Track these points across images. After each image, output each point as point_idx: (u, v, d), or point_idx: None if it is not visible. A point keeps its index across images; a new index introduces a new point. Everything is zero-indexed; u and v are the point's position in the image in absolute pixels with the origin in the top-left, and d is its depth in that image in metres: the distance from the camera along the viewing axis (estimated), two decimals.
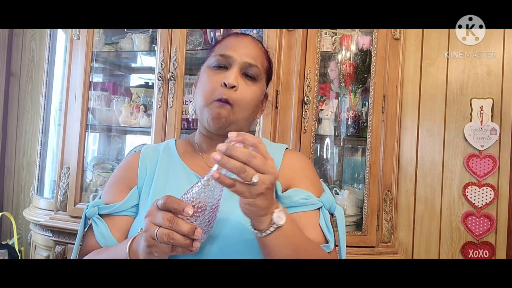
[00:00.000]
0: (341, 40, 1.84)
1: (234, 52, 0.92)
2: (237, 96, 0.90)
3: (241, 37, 0.96)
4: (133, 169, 0.97)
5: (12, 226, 2.46)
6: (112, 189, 0.97)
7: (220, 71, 0.91)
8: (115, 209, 0.92)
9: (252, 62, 0.92)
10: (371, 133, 1.72)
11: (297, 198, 0.89)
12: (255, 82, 0.93)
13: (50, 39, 2.34)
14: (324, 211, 0.91)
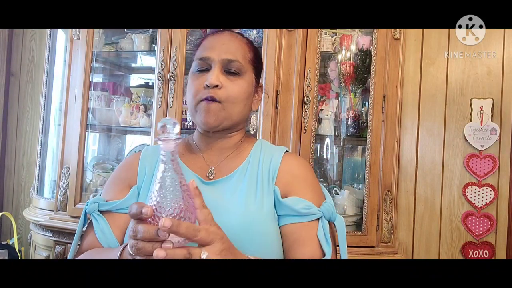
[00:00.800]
0: (341, 40, 1.84)
1: (212, 52, 0.92)
2: (222, 94, 0.90)
3: (218, 35, 0.96)
4: (133, 169, 0.98)
5: (12, 226, 2.46)
6: (112, 188, 0.97)
7: (203, 74, 0.92)
8: (115, 206, 0.93)
9: (232, 58, 0.92)
10: (371, 133, 1.72)
11: (298, 207, 0.88)
12: (239, 76, 0.93)
13: (50, 39, 2.34)
14: (323, 221, 0.90)
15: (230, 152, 0.97)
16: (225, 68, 0.92)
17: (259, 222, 0.87)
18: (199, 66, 0.93)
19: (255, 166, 0.94)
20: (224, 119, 0.92)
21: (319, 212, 0.89)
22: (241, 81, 0.93)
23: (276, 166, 0.94)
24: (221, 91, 0.90)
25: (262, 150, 0.98)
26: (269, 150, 0.98)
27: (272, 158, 0.95)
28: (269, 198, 0.90)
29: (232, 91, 0.91)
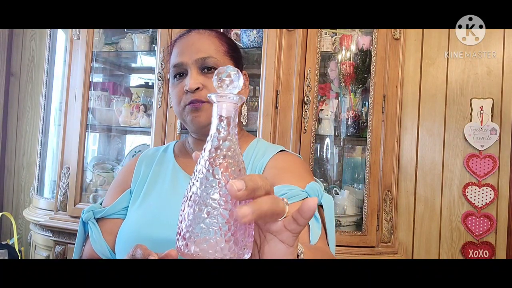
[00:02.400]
0: (341, 40, 1.84)
1: (183, 56, 0.91)
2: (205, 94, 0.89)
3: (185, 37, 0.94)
4: (129, 173, 0.98)
5: (12, 226, 2.46)
6: (110, 193, 0.98)
7: (181, 80, 0.91)
8: (105, 212, 0.93)
9: (204, 55, 0.90)
10: (371, 133, 1.72)
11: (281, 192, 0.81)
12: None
13: (50, 39, 2.34)
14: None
15: None
16: (200, 68, 0.90)
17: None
18: (175, 72, 0.92)
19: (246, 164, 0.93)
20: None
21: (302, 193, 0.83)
22: None
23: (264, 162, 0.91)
24: (202, 91, 0.89)
25: (257, 148, 0.96)
26: (264, 148, 0.97)
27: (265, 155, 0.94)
28: None
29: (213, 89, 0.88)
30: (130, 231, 0.87)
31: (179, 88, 0.91)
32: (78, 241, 0.96)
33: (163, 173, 0.95)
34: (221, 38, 0.96)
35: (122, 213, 0.94)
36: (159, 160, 0.99)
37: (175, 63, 0.91)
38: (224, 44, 0.95)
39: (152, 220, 0.87)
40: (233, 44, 0.98)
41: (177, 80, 0.92)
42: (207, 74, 0.90)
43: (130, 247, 0.70)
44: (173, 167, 0.96)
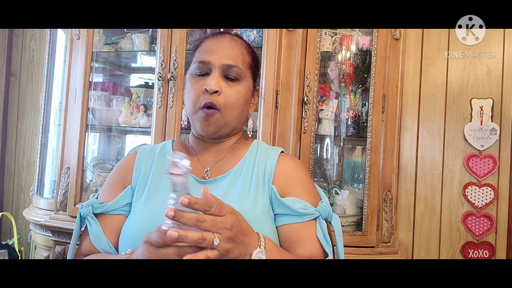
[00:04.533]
0: (341, 40, 1.84)
1: (212, 55, 0.92)
2: (221, 99, 0.90)
3: (218, 37, 0.95)
4: (129, 169, 0.98)
5: (12, 226, 2.46)
6: (107, 189, 0.98)
7: (202, 78, 0.92)
8: (107, 208, 0.93)
9: (232, 63, 0.92)
10: (371, 133, 1.72)
11: (296, 207, 0.89)
12: (238, 82, 0.93)
13: (50, 39, 2.34)
14: (321, 221, 0.91)
15: (226, 153, 0.98)
16: (224, 73, 0.92)
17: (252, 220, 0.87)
18: (199, 69, 0.93)
19: (251, 166, 0.95)
20: (222, 126, 0.93)
21: (316, 212, 0.91)
22: (239, 86, 0.93)
23: (272, 166, 0.95)
24: (220, 97, 0.90)
25: (258, 150, 0.99)
26: (265, 150, 0.99)
27: (268, 158, 0.96)
28: (264, 197, 0.91)
29: (230, 97, 0.91)
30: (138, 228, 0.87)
31: (199, 85, 0.91)
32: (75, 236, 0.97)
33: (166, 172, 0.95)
34: (248, 50, 0.98)
35: (123, 209, 0.94)
36: (159, 158, 0.99)
37: (202, 59, 0.92)
38: (250, 56, 0.97)
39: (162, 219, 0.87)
40: (256, 58, 1.00)
41: (199, 77, 0.93)
42: (228, 81, 0.92)
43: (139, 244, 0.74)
44: None
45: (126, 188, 0.96)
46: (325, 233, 0.90)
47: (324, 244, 0.89)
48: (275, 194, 0.91)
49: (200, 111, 0.91)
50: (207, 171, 0.96)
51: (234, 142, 1.00)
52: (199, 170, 0.96)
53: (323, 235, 0.89)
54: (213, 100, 0.90)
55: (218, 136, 0.96)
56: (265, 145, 1.02)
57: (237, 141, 1.00)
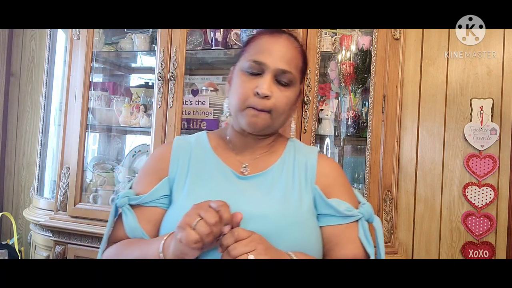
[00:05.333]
0: (341, 40, 1.84)
1: (268, 57, 0.90)
2: (270, 104, 0.89)
3: (276, 37, 0.93)
4: (165, 160, 0.97)
5: (12, 226, 2.46)
6: (143, 180, 0.97)
7: (253, 77, 0.90)
8: (143, 199, 0.93)
9: (286, 69, 0.90)
10: (371, 133, 1.72)
11: (341, 209, 0.91)
12: (288, 87, 0.92)
13: (50, 39, 2.34)
14: (363, 223, 0.92)
15: (264, 151, 0.99)
16: (277, 77, 0.90)
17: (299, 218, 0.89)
18: (252, 68, 0.90)
19: (291, 164, 0.96)
20: (267, 127, 0.93)
21: (359, 214, 0.92)
22: (289, 92, 0.92)
23: (313, 166, 0.96)
24: (270, 101, 0.89)
25: (296, 149, 1.00)
26: (303, 149, 1.01)
27: (307, 158, 0.97)
28: (308, 196, 0.92)
29: (280, 102, 0.90)
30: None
31: (250, 85, 0.90)
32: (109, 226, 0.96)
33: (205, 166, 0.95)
34: (302, 54, 0.97)
35: (160, 201, 0.94)
36: (196, 151, 0.98)
37: (257, 59, 0.90)
38: (302, 61, 0.96)
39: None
40: (306, 61, 0.99)
41: (251, 75, 0.91)
42: (279, 86, 0.91)
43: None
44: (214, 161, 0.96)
45: (163, 179, 0.95)
46: (367, 234, 0.91)
47: (366, 245, 0.90)
48: (320, 194, 0.92)
49: (247, 109, 0.90)
50: (245, 167, 0.96)
51: (272, 140, 1.00)
52: (237, 165, 0.95)
53: (365, 236, 0.91)
54: (262, 104, 0.89)
55: (261, 134, 0.96)
56: (301, 144, 1.04)
57: (274, 139, 1.01)
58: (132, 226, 0.91)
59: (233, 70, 0.98)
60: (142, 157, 2.13)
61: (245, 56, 0.93)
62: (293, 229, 0.87)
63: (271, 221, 0.85)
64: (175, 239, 0.77)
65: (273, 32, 0.94)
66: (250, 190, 0.91)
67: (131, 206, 0.93)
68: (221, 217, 0.75)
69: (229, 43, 1.90)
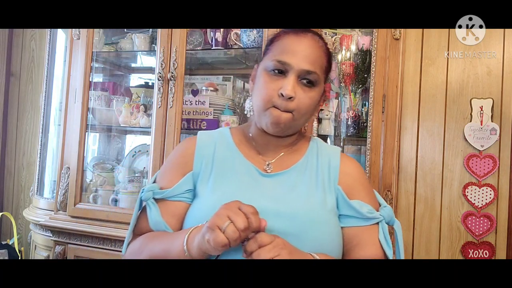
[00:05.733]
0: (341, 40, 1.84)
1: (292, 57, 0.89)
2: (294, 105, 0.89)
3: (301, 37, 0.92)
4: (190, 155, 0.97)
5: (12, 226, 2.46)
6: (167, 174, 0.98)
7: (277, 78, 0.90)
8: (167, 193, 0.94)
9: (311, 69, 0.90)
10: (371, 133, 1.72)
11: (363, 211, 0.92)
12: (313, 88, 0.92)
13: (50, 39, 2.34)
14: (383, 225, 0.94)
15: (286, 149, 0.99)
16: (301, 78, 0.90)
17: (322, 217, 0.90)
18: (276, 68, 0.90)
19: (314, 164, 0.97)
20: (289, 127, 0.93)
21: (380, 217, 0.94)
22: (313, 93, 0.92)
23: (336, 166, 0.96)
24: (293, 102, 0.89)
25: (318, 149, 1.00)
26: (326, 149, 1.01)
27: (330, 158, 0.98)
28: (331, 196, 0.93)
29: (304, 103, 0.90)
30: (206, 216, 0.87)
31: (274, 85, 0.89)
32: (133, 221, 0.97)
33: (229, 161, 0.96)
34: (326, 53, 0.96)
35: (184, 196, 0.94)
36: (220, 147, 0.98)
37: (281, 59, 0.90)
38: (327, 60, 0.96)
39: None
40: (331, 60, 0.99)
41: (274, 75, 0.90)
42: (303, 87, 0.90)
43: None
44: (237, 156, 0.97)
45: (187, 174, 0.95)
46: (387, 236, 0.93)
47: (385, 247, 0.92)
48: (343, 195, 0.93)
49: (270, 109, 0.90)
50: (268, 164, 0.96)
51: (295, 139, 1.01)
52: (260, 162, 0.96)
53: (385, 239, 0.93)
54: (286, 105, 0.89)
55: (284, 134, 0.96)
56: (323, 143, 1.04)
57: (297, 138, 1.01)
58: (155, 220, 0.92)
59: (256, 68, 0.98)
60: (142, 157, 2.13)
61: (269, 56, 0.93)
62: (317, 228, 0.87)
63: (296, 219, 0.86)
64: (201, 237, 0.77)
65: (297, 32, 0.93)
66: (274, 188, 0.91)
67: (155, 199, 0.94)
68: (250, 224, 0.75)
69: (229, 43, 1.90)
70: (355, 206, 0.91)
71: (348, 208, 0.92)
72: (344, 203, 0.92)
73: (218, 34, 1.89)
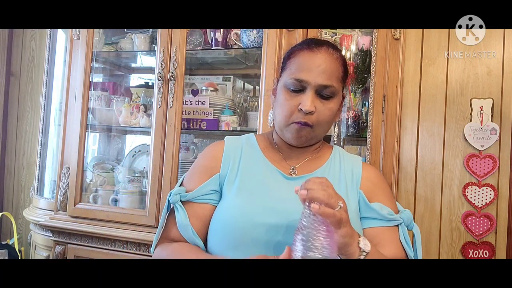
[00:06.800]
0: (341, 40, 1.84)
1: (309, 74, 0.92)
2: (314, 119, 0.93)
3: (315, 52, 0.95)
4: (217, 159, 1.00)
5: (12, 226, 2.46)
6: (195, 178, 1.00)
7: (296, 94, 0.94)
8: (192, 194, 0.96)
9: (328, 83, 0.93)
10: (371, 133, 1.72)
11: (383, 213, 0.95)
12: (331, 99, 0.95)
13: (50, 39, 2.34)
14: (403, 228, 0.97)
15: (310, 156, 1.03)
16: (319, 92, 0.93)
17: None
18: (294, 86, 0.94)
19: (337, 169, 1.01)
20: (312, 138, 0.98)
21: (400, 219, 0.98)
22: (332, 104, 0.96)
23: (358, 172, 1.01)
24: (313, 116, 0.93)
25: (341, 156, 1.05)
26: (347, 156, 1.07)
27: (353, 164, 1.03)
28: (354, 200, 0.97)
29: (324, 115, 0.94)
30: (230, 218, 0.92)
31: (294, 102, 0.93)
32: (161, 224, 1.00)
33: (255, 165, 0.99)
34: (342, 63, 0.99)
35: (209, 197, 0.97)
36: (246, 150, 1.02)
37: (298, 78, 0.93)
38: (342, 69, 0.98)
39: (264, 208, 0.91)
40: (347, 68, 1.01)
41: (293, 92, 0.94)
42: (322, 100, 0.94)
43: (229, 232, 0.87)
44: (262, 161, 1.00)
45: (214, 175, 0.98)
46: (407, 238, 0.96)
47: (406, 248, 0.94)
48: (364, 199, 0.97)
49: (292, 124, 0.94)
50: (293, 169, 1.00)
51: (318, 146, 1.05)
52: (285, 167, 1.00)
53: (405, 240, 0.95)
54: (307, 120, 0.93)
55: (306, 145, 1.01)
56: (345, 152, 1.09)
57: (320, 146, 1.06)
58: (182, 223, 0.94)
59: (276, 83, 1.02)
60: (142, 157, 2.13)
61: (287, 73, 0.97)
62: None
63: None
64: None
65: (311, 47, 0.96)
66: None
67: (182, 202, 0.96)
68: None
69: (229, 43, 1.90)
70: (375, 208, 0.95)
71: (369, 210, 0.96)
72: (365, 206, 0.96)
73: (218, 34, 1.89)
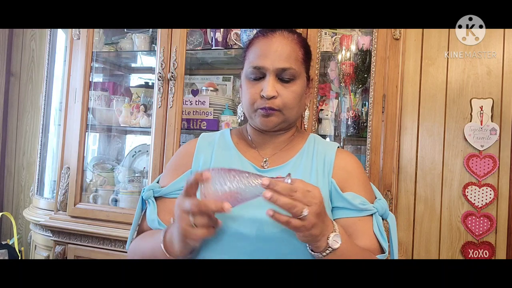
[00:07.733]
0: (341, 40, 1.84)
1: (265, 60, 0.93)
2: (279, 102, 0.93)
3: (269, 37, 0.95)
4: (189, 156, 1.01)
5: (12, 226, 2.46)
6: (168, 175, 1.01)
7: (257, 82, 0.94)
8: (164, 190, 0.97)
9: (286, 66, 0.93)
10: (371, 133, 1.72)
11: (355, 202, 0.92)
12: (293, 82, 0.95)
13: (50, 39, 2.34)
14: (377, 218, 0.94)
15: (284, 145, 1.01)
16: (279, 76, 0.93)
17: None
18: (254, 74, 0.94)
19: (309, 158, 0.98)
20: (281, 122, 0.96)
21: (373, 208, 0.94)
22: (295, 86, 0.95)
23: (331, 160, 0.97)
24: (277, 100, 0.92)
25: (315, 144, 1.02)
26: (322, 144, 1.03)
27: (326, 152, 0.99)
28: (324, 189, 0.94)
29: (287, 98, 0.93)
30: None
31: (255, 89, 0.94)
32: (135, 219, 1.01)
33: (227, 160, 0.99)
34: (300, 44, 0.98)
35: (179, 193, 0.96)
36: (219, 146, 1.02)
37: (256, 65, 0.93)
38: (302, 51, 0.98)
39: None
40: (308, 49, 1.01)
41: (254, 81, 0.95)
42: (284, 83, 0.94)
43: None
44: (235, 155, 0.99)
45: (185, 172, 0.99)
46: (381, 229, 0.93)
47: (380, 239, 0.91)
48: (336, 188, 0.94)
49: (257, 110, 0.94)
50: (265, 161, 0.99)
51: (292, 135, 1.03)
52: (257, 159, 0.99)
53: (380, 231, 0.92)
54: (271, 105, 0.92)
55: (277, 129, 0.99)
56: (321, 139, 1.06)
57: (294, 134, 1.03)
58: (149, 217, 0.95)
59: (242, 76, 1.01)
60: (142, 157, 2.13)
61: (246, 63, 0.97)
62: None
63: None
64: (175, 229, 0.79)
65: (266, 33, 0.96)
66: None
67: (155, 198, 0.97)
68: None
69: (229, 43, 1.90)
70: (347, 198, 0.92)
71: (340, 200, 0.92)
72: (337, 195, 0.93)
73: (218, 34, 1.89)
